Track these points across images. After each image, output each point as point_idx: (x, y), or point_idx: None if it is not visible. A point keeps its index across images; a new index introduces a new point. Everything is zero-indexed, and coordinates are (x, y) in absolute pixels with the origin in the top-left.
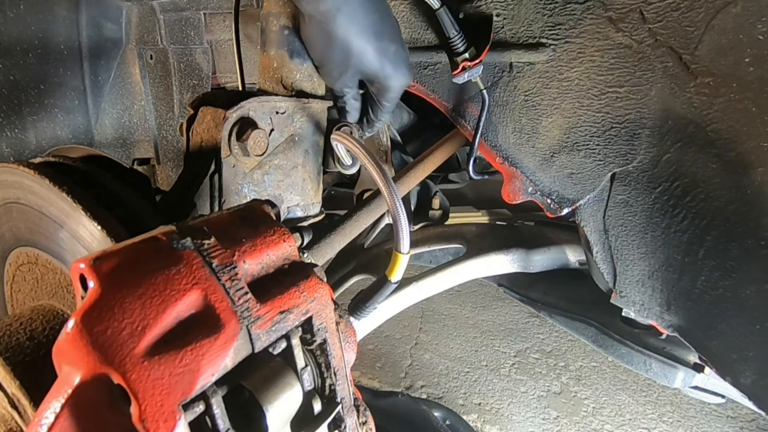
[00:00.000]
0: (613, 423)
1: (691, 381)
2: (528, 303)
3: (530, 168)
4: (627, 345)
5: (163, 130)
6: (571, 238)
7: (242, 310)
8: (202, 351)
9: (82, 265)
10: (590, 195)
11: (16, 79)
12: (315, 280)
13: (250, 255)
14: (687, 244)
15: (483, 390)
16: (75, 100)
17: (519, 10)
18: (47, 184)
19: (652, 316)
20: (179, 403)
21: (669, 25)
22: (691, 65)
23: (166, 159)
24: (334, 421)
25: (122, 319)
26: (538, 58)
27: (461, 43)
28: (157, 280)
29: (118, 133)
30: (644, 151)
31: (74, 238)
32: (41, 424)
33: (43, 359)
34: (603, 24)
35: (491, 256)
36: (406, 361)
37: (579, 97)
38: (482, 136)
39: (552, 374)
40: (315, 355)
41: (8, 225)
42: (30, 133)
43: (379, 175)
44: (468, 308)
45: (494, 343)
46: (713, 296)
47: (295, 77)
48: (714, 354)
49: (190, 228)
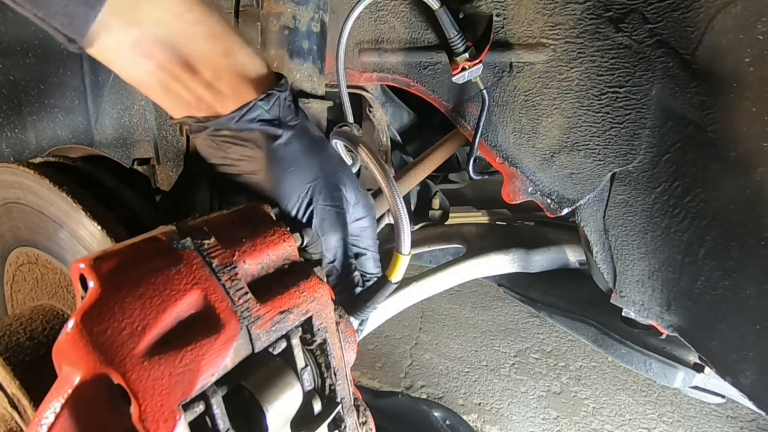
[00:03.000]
0: (613, 423)
1: (691, 381)
2: (528, 303)
3: (530, 168)
4: (627, 345)
5: (163, 130)
6: (571, 238)
7: (242, 310)
8: (202, 351)
9: (82, 265)
10: (590, 195)
11: (16, 79)
12: (315, 280)
13: (250, 255)
14: (687, 244)
15: (483, 390)
16: (75, 100)
17: (519, 10)
18: (47, 184)
19: (652, 316)
20: (179, 403)
21: (669, 25)
22: (691, 65)
23: (166, 159)
24: (334, 421)
25: (122, 319)
26: (538, 58)
27: (461, 43)
28: (157, 280)
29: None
30: (644, 151)
31: (74, 238)
32: (41, 424)
33: (43, 359)
34: (603, 24)
35: (491, 256)
36: (406, 361)
37: (579, 97)
38: (482, 136)
39: (552, 374)
40: (315, 355)
41: (8, 225)
42: (30, 133)
43: (381, 175)
44: (468, 308)
45: (494, 343)
46: (713, 296)
47: (295, 77)
48: (714, 354)
49: (190, 228)
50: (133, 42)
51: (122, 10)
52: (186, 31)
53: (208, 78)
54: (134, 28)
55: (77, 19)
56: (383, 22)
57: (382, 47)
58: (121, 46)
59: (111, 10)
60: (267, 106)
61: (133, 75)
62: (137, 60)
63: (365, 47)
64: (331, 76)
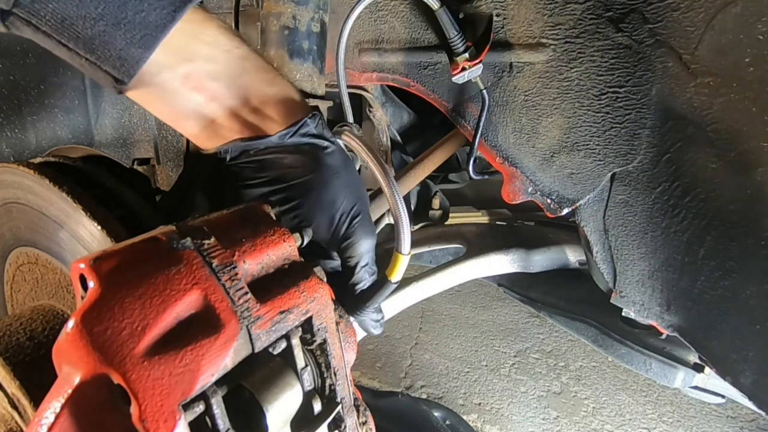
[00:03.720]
0: (613, 423)
1: (691, 381)
2: (528, 303)
3: (530, 168)
4: (627, 345)
5: (163, 130)
6: (571, 238)
7: (242, 310)
8: (202, 351)
9: (82, 265)
10: (590, 195)
11: (16, 79)
12: (315, 280)
13: (250, 255)
14: (687, 244)
15: (483, 390)
16: (75, 100)
17: (519, 10)
18: (47, 184)
19: (652, 316)
20: (179, 403)
21: (669, 25)
22: (691, 65)
23: (166, 159)
24: (334, 421)
25: (122, 319)
26: (538, 58)
27: (461, 43)
28: (157, 280)
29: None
30: (644, 151)
31: (74, 238)
32: (41, 424)
33: (43, 359)
34: (603, 24)
35: (491, 256)
36: (406, 361)
37: (579, 97)
38: (482, 136)
39: (552, 374)
40: (315, 355)
41: (8, 225)
42: (30, 133)
43: (381, 174)
44: (468, 308)
45: (494, 343)
46: (713, 296)
47: (295, 77)
48: (714, 354)
49: (190, 228)
50: (184, 77)
51: (175, 49)
52: (236, 65)
53: (256, 105)
54: (186, 64)
55: (131, 61)
56: (383, 22)
57: (382, 47)
58: (171, 82)
59: (165, 50)
60: (314, 124)
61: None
62: (187, 94)
63: (365, 47)
64: (331, 76)
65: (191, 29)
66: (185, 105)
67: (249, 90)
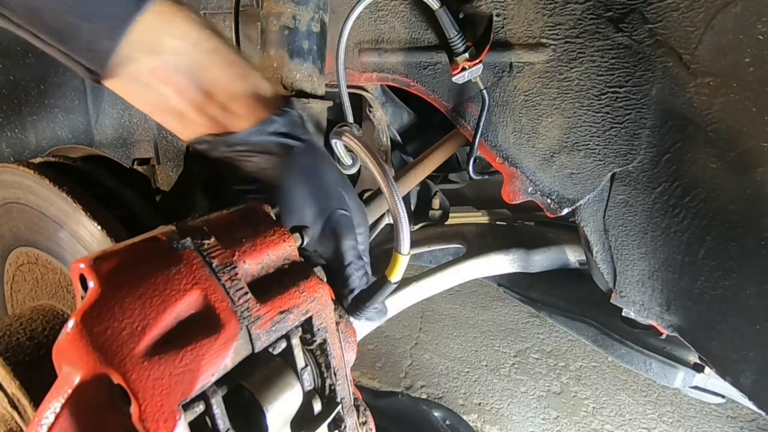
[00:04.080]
0: (613, 423)
1: (691, 381)
2: (528, 303)
3: (530, 168)
4: (627, 345)
5: (164, 130)
6: (571, 238)
7: (242, 310)
8: (202, 351)
9: (82, 265)
10: (590, 195)
11: (16, 79)
12: (315, 280)
13: (250, 255)
14: (687, 244)
15: (483, 390)
16: (75, 100)
17: (519, 10)
18: (47, 184)
19: (652, 316)
20: (179, 403)
21: (669, 25)
22: (691, 65)
23: (166, 159)
24: (334, 421)
25: (122, 319)
26: (538, 58)
27: (461, 43)
28: (157, 280)
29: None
30: (644, 151)
31: (74, 238)
32: (41, 424)
33: (43, 359)
34: (603, 24)
35: (491, 256)
36: (406, 361)
37: (579, 97)
38: (482, 136)
39: (552, 374)
40: (315, 355)
41: (8, 225)
42: (30, 133)
43: (380, 175)
44: (468, 308)
45: (494, 343)
46: (713, 296)
47: (295, 77)
48: (714, 354)
49: (190, 228)
50: (152, 70)
51: (143, 41)
52: (204, 58)
53: (222, 100)
54: (154, 57)
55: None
56: (383, 22)
57: (382, 47)
58: (141, 74)
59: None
60: (282, 121)
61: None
62: (156, 87)
63: (365, 47)
64: (331, 76)
65: (160, 21)
66: (157, 98)
67: (217, 84)
